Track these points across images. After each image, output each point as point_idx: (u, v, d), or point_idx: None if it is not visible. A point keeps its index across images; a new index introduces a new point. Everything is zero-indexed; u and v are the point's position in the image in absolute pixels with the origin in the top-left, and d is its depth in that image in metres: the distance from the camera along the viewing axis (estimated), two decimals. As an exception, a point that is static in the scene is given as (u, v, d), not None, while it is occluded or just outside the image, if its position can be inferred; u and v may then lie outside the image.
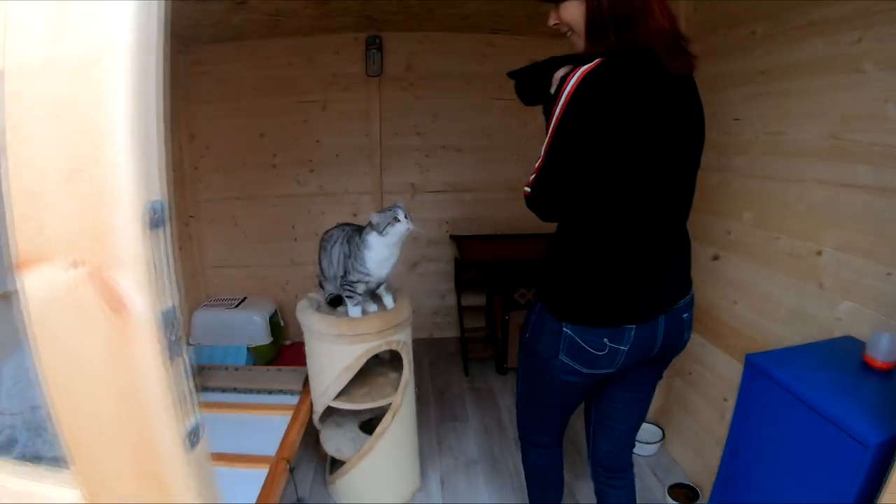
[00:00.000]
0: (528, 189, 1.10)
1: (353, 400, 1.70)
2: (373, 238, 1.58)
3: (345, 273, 1.63)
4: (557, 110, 0.98)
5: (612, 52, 0.97)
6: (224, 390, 2.01)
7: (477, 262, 2.97)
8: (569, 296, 1.11)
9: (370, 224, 1.59)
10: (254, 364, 2.44)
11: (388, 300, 1.73)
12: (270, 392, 1.99)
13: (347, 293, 1.65)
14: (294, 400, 1.93)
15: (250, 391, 2.00)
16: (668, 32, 0.98)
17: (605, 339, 1.10)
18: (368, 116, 3.20)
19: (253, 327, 3.03)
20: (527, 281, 2.95)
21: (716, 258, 1.93)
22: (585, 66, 0.95)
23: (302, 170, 3.26)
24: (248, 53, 3.09)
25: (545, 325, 1.15)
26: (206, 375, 2.10)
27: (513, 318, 2.93)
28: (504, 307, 2.89)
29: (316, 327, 1.58)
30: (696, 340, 2.06)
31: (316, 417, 1.77)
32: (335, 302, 1.78)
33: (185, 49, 3.07)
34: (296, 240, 3.34)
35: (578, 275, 1.09)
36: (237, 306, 3.09)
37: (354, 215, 3.35)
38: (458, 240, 3.22)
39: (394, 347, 1.66)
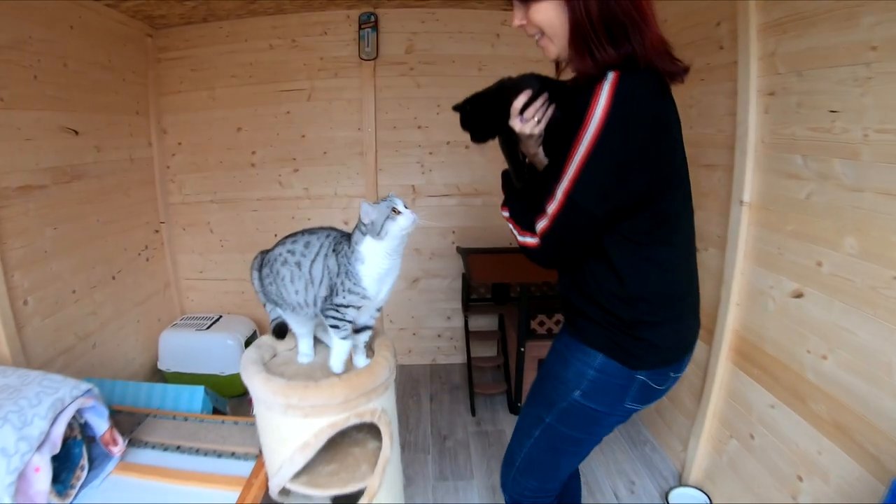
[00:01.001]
0: (532, 241, 1.04)
1: (316, 482, 1.34)
2: (366, 246, 1.21)
3: (330, 292, 1.24)
4: (587, 139, 0.90)
5: (614, 65, 0.92)
6: (165, 448, 1.68)
7: (487, 283, 2.58)
8: (641, 340, 1.06)
9: (359, 227, 1.23)
10: (214, 407, 2.08)
11: (359, 358, 1.35)
12: (220, 455, 1.63)
13: (332, 321, 1.27)
14: (248, 468, 1.57)
15: (196, 452, 1.64)
16: (663, 40, 0.96)
17: (671, 372, 1.13)
18: (362, 107, 2.94)
19: (225, 352, 2.75)
20: (547, 306, 2.55)
21: (798, 296, 1.52)
22: (609, 82, 0.89)
23: (284, 169, 3.02)
24: (223, 36, 2.88)
25: (610, 378, 1.10)
26: (148, 426, 1.78)
27: (530, 349, 2.55)
28: (520, 337, 2.53)
29: (260, 393, 1.21)
30: (762, 397, 1.71)
31: (273, 492, 1.39)
32: (280, 331, 1.41)
33: (153, 32, 2.87)
34: None
35: (648, 314, 1.05)
36: (209, 327, 2.85)
37: (345, 223, 3.05)
38: (465, 253, 2.85)
39: (367, 419, 1.27)
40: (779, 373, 1.63)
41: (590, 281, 1.08)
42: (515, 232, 1.10)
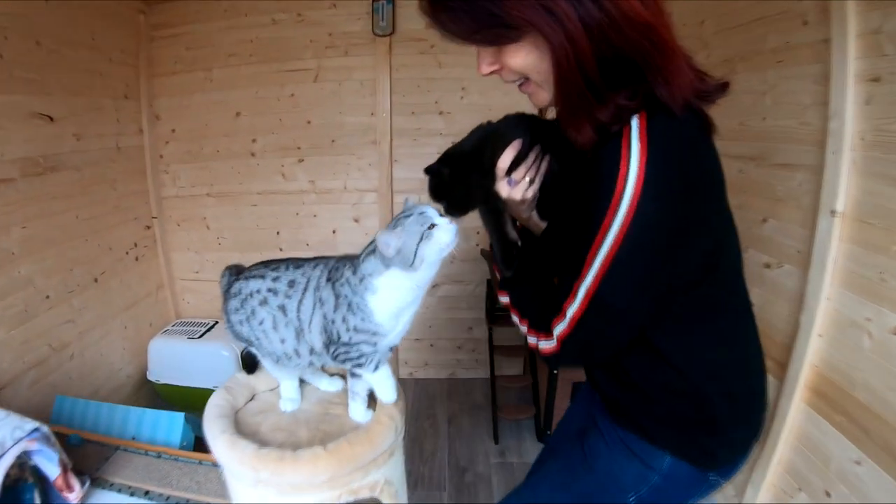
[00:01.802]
0: (548, 346, 0.84)
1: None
2: (388, 279, 1.00)
3: (333, 339, 1.03)
4: (617, 223, 0.70)
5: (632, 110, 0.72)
6: (132, 492, 1.52)
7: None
8: (722, 437, 0.90)
9: (374, 254, 1.01)
10: (197, 436, 1.93)
11: (357, 409, 1.14)
12: (190, 505, 1.46)
13: (352, 362, 1.08)
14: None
15: (166, 501, 1.47)
16: (692, 66, 0.74)
17: (742, 462, 0.97)
18: (375, 89, 2.75)
19: (219, 364, 2.62)
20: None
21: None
22: (636, 136, 0.69)
23: (288, 159, 2.86)
24: (222, 11, 2.72)
25: (678, 482, 0.93)
26: (117, 462, 1.62)
27: (564, 370, 2.31)
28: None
29: (224, 459, 1.01)
30: (845, 450, 1.48)
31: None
32: (250, 363, 1.22)
33: (146, 8, 2.72)
34: (281, 249, 2.97)
35: (725, 405, 0.88)
36: (202, 336, 2.71)
37: (356, 221, 2.89)
38: (492, 257, 2.61)
39: (364, 496, 1.06)
40: (870, 424, 1.39)
41: (634, 375, 0.91)
42: (521, 327, 0.91)
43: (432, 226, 0.95)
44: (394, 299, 1.01)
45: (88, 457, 1.65)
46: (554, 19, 0.67)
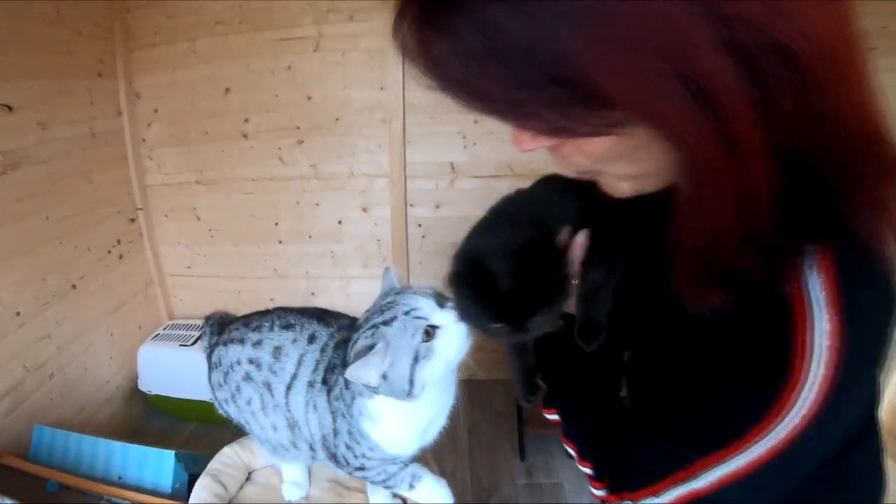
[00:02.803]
0: None
1: None
2: (381, 403, 0.83)
3: (340, 462, 0.88)
4: (788, 424, 0.50)
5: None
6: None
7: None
8: None
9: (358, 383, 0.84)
10: (192, 474, 1.81)
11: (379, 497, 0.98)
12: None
13: (379, 485, 0.95)
14: None
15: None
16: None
17: None
18: (385, 60, 2.56)
19: None
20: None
21: None
22: (821, 287, 0.47)
23: (286, 141, 2.71)
24: None
25: None
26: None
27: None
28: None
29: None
30: None
31: None
32: None
33: None
34: (280, 242, 2.86)
35: None
36: (195, 342, 2.62)
37: (364, 210, 2.78)
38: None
39: None
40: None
41: None
42: (585, 470, 0.73)
43: (429, 331, 0.76)
44: (403, 426, 0.85)
45: (66, 510, 1.55)
46: (705, 108, 0.42)
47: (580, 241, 0.68)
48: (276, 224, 2.80)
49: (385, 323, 0.77)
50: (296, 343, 0.90)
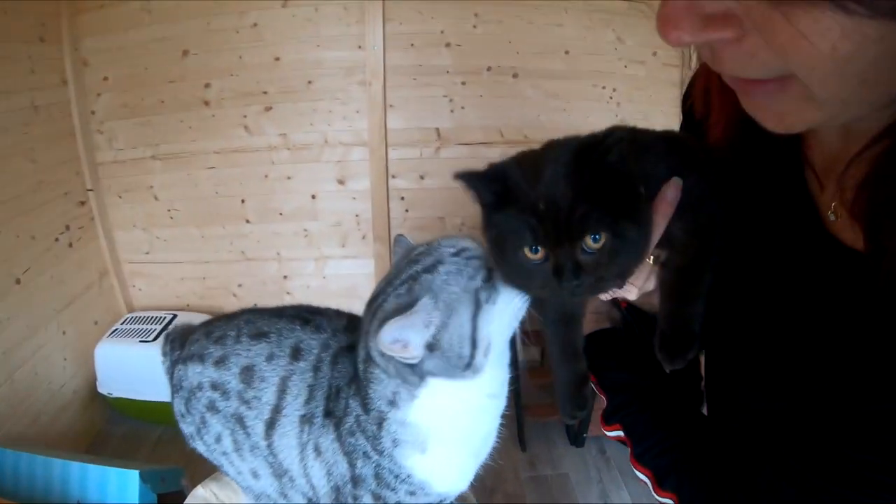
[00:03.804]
0: None
1: None
2: (422, 408, 0.68)
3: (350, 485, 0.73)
4: None
5: None
6: None
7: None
8: None
9: (377, 362, 0.68)
10: (160, 495, 1.74)
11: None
12: None
13: None
14: None
15: None
16: None
17: None
18: (364, 16, 2.56)
19: None
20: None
21: None
22: None
23: (252, 108, 2.67)
24: None
25: None
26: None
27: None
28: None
29: None
30: None
31: None
32: None
33: None
34: (248, 221, 2.83)
35: None
36: (157, 337, 2.55)
37: (341, 183, 2.76)
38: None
39: None
40: None
41: None
42: (664, 500, 0.67)
43: (489, 275, 0.64)
44: (462, 438, 0.71)
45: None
46: None
47: (670, 194, 0.58)
48: (243, 201, 2.77)
49: (427, 270, 0.64)
50: (274, 361, 0.74)
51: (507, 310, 0.64)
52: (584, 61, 2.72)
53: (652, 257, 0.64)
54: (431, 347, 0.62)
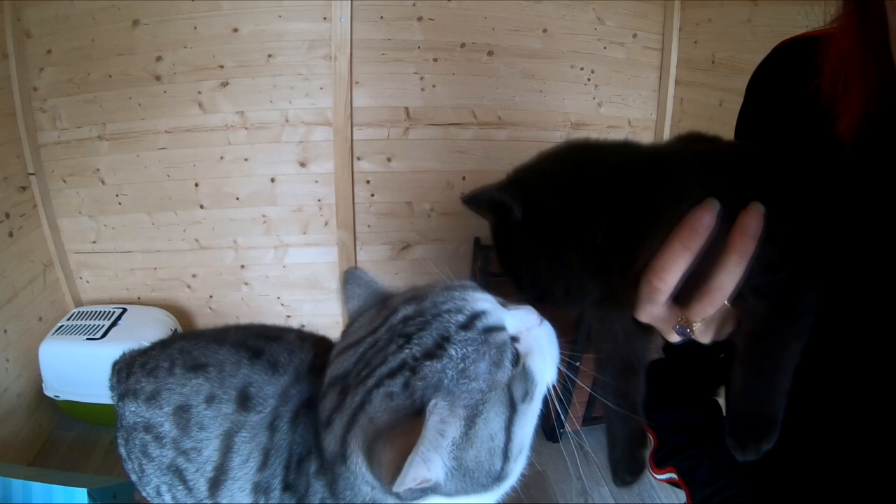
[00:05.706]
0: None
1: None
2: None
3: None
4: None
5: None
6: None
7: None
8: None
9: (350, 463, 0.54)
10: None
11: None
12: None
13: None
14: None
15: None
16: None
17: None
18: None
19: None
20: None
21: None
22: None
23: (207, 83, 2.68)
24: None
25: None
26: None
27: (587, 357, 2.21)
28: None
29: None
30: None
31: None
32: None
33: None
34: (202, 206, 2.85)
35: None
36: (105, 334, 2.57)
37: (302, 165, 2.81)
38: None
39: None
40: None
41: None
42: None
43: (517, 356, 0.54)
44: None
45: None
46: None
47: (751, 225, 0.50)
48: (197, 185, 2.78)
49: (429, 355, 0.51)
50: (214, 405, 0.63)
51: (538, 402, 0.56)
52: (563, 41, 2.78)
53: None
54: (454, 466, 0.50)
